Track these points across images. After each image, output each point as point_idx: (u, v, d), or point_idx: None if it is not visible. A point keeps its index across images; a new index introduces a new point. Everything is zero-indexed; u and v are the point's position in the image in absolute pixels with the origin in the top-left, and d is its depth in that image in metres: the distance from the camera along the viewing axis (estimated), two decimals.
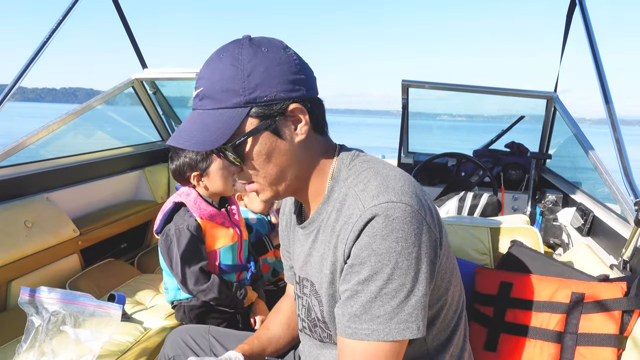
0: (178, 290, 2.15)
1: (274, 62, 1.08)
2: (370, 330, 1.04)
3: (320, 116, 1.18)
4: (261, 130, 1.09)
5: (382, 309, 1.03)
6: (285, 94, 1.08)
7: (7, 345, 2.05)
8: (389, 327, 1.03)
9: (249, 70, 1.06)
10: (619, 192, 2.16)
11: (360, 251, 1.04)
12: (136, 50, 4.06)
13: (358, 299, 1.05)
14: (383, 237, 1.01)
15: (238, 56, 1.07)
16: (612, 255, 2.16)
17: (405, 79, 4.11)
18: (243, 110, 1.07)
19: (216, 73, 1.08)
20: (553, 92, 3.85)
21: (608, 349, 1.50)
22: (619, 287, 1.56)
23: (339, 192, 1.15)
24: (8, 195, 2.65)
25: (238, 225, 2.22)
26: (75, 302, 1.68)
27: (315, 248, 1.21)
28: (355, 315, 1.05)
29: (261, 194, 1.20)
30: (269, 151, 1.11)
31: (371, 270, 1.02)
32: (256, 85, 1.06)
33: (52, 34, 3.00)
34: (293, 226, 1.38)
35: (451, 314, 1.24)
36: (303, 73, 1.12)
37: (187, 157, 2.10)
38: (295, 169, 1.16)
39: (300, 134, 1.13)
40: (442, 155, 3.87)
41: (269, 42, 1.11)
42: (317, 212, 1.20)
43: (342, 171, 1.18)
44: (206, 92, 1.09)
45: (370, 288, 1.03)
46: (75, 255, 2.93)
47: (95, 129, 4.30)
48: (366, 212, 1.04)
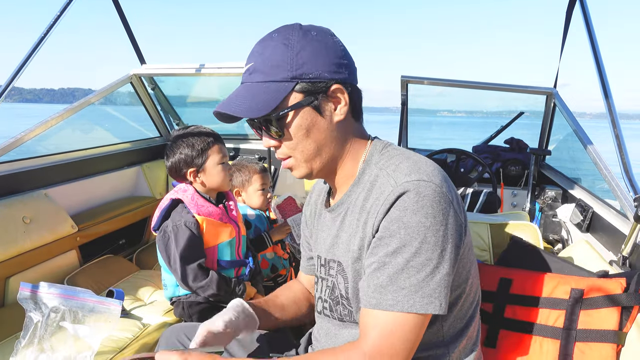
0: (177, 287, 2.14)
1: (322, 44, 1.17)
2: (394, 301, 1.08)
3: (358, 103, 1.26)
4: (304, 105, 1.16)
5: (407, 281, 1.07)
6: (330, 74, 1.16)
7: (6, 341, 2.05)
8: (413, 299, 1.07)
9: (298, 49, 1.14)
10: (619, 188, 2.16)
11: (390, 224, 1.09)
12: (134, 46, 4.05)
13: (385, 270, 1.10)
14: (414, 211, 1.07)
15: (289, 36, 1.16)
16: (612, 252, 2.16)
17: (405, 75, 4.10)
18: (289, 85, 1.15)
19: (268, 49, 1.16)
20: (552, 88, 3.84)
21: (607, 345, 1.50)
22: (619, 283, 1.56)
23: (370, 174, 1.22)
24: (6, 192, 2.64)
25: (236, 221, 2.22)
26: (75, 297, 1.67)
27: (343, 229, 1.26)
28: (380, 286, 1.10)
29: (296, 170, 1.26)
30: (309, 126, 1.18)
31: (400, 243, 1.08)
32: (303, 63, 1.14)
33: (47, 34, 2.98)
34: (318, 214, 1.43)
35: (468, 304, 1.27)
36: (346, 59, 1.20)
37: (182, 154, 2.09)
38: (331, 148, 1.23)
39: (339, 114, 1.20)
40: (441, 152, 3.86)
41: (318, 28, 1.20)
42: (347, 193, 1.26)
43: (374, 156, 1.25)
44: (257, 66, 1.17)
45: (397, 260, 1.08)
46: (73, 252, 2.93)
47: (93, 125, 4.29)
48: (398, 187, 1.10)
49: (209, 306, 2.13)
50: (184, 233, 2.01)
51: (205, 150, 2.10)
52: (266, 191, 2.66)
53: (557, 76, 3.87)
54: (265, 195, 2.66)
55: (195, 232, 2.04)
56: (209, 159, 2.10)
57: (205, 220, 2.08)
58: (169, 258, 2.04)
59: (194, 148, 2.09)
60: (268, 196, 2.69)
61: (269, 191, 2.69)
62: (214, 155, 2.11)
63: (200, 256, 2.04)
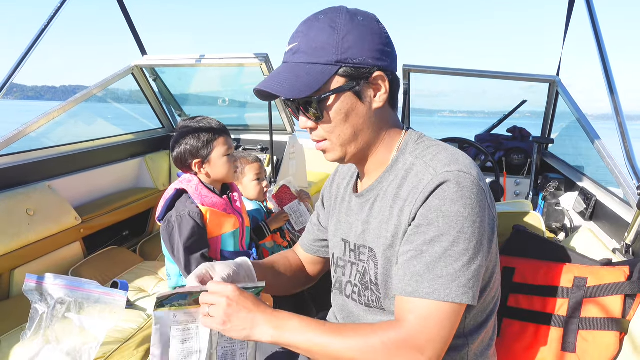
0: (180, 277, 2.15)
1: (368, 30, 1.16)
2: (431, 289, 1.07)
3: (396, 92, 1.26)
4: (345, 90, 1.16)
5: (445, 270, 1.07)
6: (373, 61, 1.16)
7: (12, 332, 2.06)
8: (450, 288, 1.06)
9: (344, 33, 1.13)
10: (622, 176, 2.15)
11: (428, 212, 1.09)
12: (135, 37, 4.04)
13: (422, 258, 1.09)
14: (453, 201, 1.07)
15: (336, 19, 1.15)
16: (615, 240, 2.16)
17: (407, 64, 4.09)
18: (333, 68, 1.14)
19: (313, 30, 1.16)
20: (555, 76, 3.82)
21: (610, 332, 1.50)
22: (622, 271, 1.56)
23: (404, 163, 1.22)
24: (10, 184, 2.65)
25: (240, 212, 2.22)
26: (81, 289, 1.68)
27: (373, 215, 1.26)
28: (418, 275, 1.09)
29: (329, 153, 1.26)
30: (348, 111, 1.18)
31: (438, 231, 1.08)
32: (349, 47, 1.13)
33: (45, 28, 2.97)
34: (342, 198, 1.43)
35: (490, 298, 1.27)
36: (390, 47, 1.20)
37: (188, 145, 2.09)
38: (367, 134, 1.23)
39: (378, 101, 1.20)
40: (444, 141, 3.86)
41: (365, 14, 1.19)
42: (378, 180, 1.26)
43: (409, 145, 1.25)
44: (301, 46, 1.16)
45: (435, 248, 1.08)
46: (77, 243, 2.94)
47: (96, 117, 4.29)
48: (438, 176, 1.10)
49: None
50: (187, 223, 2.02)
51: (210, 142, 2.10)
52: (261, 181, 2.67)
53: (560, 64, 3.85)
54: (260, 185, 2.66)
55: (199, 222, 2.04)
56: (214, 151, 2.10)
57: (209, 210, 2.08)
58: (172, 248, 2.04)
59: (200, 139, 2.09)
60: (264, 185, 2.69)
61: (264, 180, 2.69)
62: (220, 146, 2.11)
63: (203, 246, 2.05)
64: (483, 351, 1.29)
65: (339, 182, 1.50)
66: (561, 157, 3.85)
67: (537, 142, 3.84)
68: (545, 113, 4.09)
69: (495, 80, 4.13)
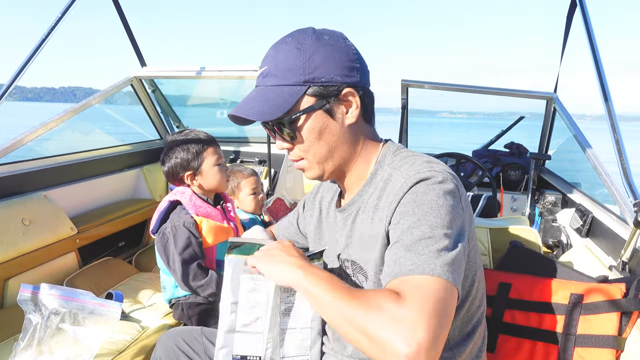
0: (176, 288, 2.14)
1: (334, 48, 1.18)
2: (414, 265, 0.99)
3: (370, 106, 1.28)
4: (316, 109, 1.18)
5: (426, 249, 1.01)
6: (342, 77, 1.18)
7: (4, 343, 2.05)
8: (434, 263, 0.99)
9: (310, 53, 1.16)
10: (618, 193, 2.16)
11: (404, 207, 1.10)
12: (135, 48, 4.05)
13: (402, 243, 1.05)
14: (425, 192, 1.08)
15: (302, 40, 1.18)
16: (611, 257, 2.16)
17: (405, 79, 4.11)
18: (301, 88, 1.17)
19: (281, 54, 1.19)
20: (553, 92, 3.84)
21: (607, 350, 1.50)
22: (618, 288, 1.56)
23: (383, 174, 1.23)
24: (6, 193, 2.64)
25: (234, 221, 2.23)
26: (75, 299, 1.67)
27: (355, 228, 1.27)
28: (399, 257, 1.03)
29: (308, 171, 1.28)
30: (321, 129, 1.20)
31: (415, 218, 1.06)
32: (315, 67, 1.16)
33: (50, 32, 2.99)
34: (327, 213, 1.44)
35: (474, 308, 1.27)
36: (359, 63, 1.22)
37: (178, 158, 2.12)
38: (343, 150, 1.25)
39: (350, 117, 1.22)
40: (441, 156, 3.86)
41: (331, 32, 1.22)
42: (359, 194, 1.28)
43: (387, 157, 1.27)
44: (270, 70, 1.20)
45: (415, 233, 1.04)
46: (72, 254, 2.93)
47: (94, 127, 4.29)
48: (411, 178, 1.12)
49: (209, 307, 2.13)
50: (182, 233, 2.02)
51: (200, 153, 2.12)
52: (257, 195, 2.67)
53: (558, 81, 3.87)
54: (257, 199, 2.66)
55: (194, 232, 2.04)
56: (204, 161, 2.12)
57: (204, 220, 2.08)
58: (168, 259, 2.04)
59: (189, 151, 2.11)
60: (260, 198, 2.69)
61: (261, 193, 2.69)
62: (210, 157, 2.13)
63: (199, 256, 2.04)
64: None
65: (322, 195, 1.51)
66: (558, 174, 3.86)
67: (535, 158, 3.86)
68: (543, 129, 4.11)
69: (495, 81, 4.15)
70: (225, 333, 1.27)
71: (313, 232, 1.48)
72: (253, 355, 1.28)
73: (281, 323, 1.32)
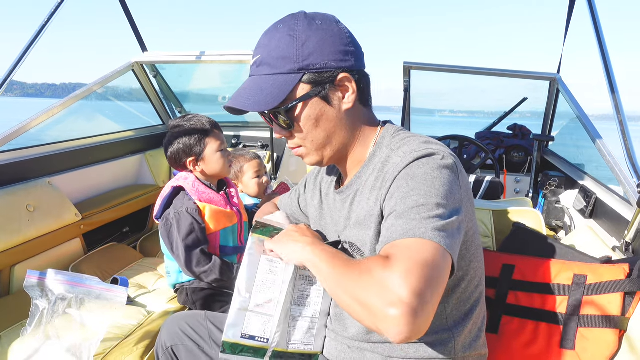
0: (180, 274, 2.15)
1: (327, 33, 1.17)
2: (404, 230, 0.98)
3: (367, 89, 1.26)
4: (312, 96, 1.17)
5: (418, 215, 1.00)
6: (336, 63, 1.17)
7: (12, 328, 2.06)
8: (424, 227, 0.98)
9: (303, 39, 1.15)
10: (622, 174, 2.15)
11: (398, 181, 1.09)
12: (136, 33, 4.03)
13: (394, 214, 1.05)
14: (419, 166, 1.08)
15: (294, 27, 1.16)
16: (615, 237, 2.16)
17: (407, 61, 4.09)
18: (296, 76, 1.16)
19: (273, 42, 1.17)
20: (556, 73, 3.82)
21: (610, 330, 1.51)
22: (622, 269, 1.56)
23: (381, 156, 1.23)
24: (10, 180, 2.65)
25: (237, 207, 2.22)
26: (82, 284, 1.69)
27: (353, 210, 1.27)
28: (391, 225, 1.03)
29: (307, 158, 1.28)
30: (318, 116, 1.20)
31: (408, 189, 1.06)
32: (309, 54, 1.15)
33: (45, 24, 2.96)
34: (326, 194, 1.45)
35: (472, 288, 1.27)
36: (353, 46, 1.20)
37: (180, 143, 2.10)
38: (341, 136, 1.24)
39: (347, 102, 1.21)
40: (444, 138, 3.86)
41: (323, 16, 1.20)
42: (357, 175, 1.28)
43: (385, 138, 1.26)
44: (263, 59, 1.18)
45: (407, 202, 1.03)
46: (77, 240, 2.94)
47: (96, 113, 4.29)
48: (407, 156, 1.11)
49: (213, 292, 2.14)
50: (186, 219, 2.02)
51: (203, 139, 2.11)
52: (261, 177, 2.67)
53: (561, 61, 3.85)
54: (260, 181, 2.66)
55: (197, 218, 2.05)
56: (207, 147, 2.11)
57: (207, 206, 2.09)
58: (171, 244, 2.05)
59: (192, 137, 2.10)
60: (264, 181, 2.69)
61: (264, 176, 2.69)
62: (212, 142, 2.12)
63: (202, 242, 2.05)
64: (471, 342, 1.29)
65: (323, 176, 1.51)
66: (561, 155, 3.85)
67: (538, 139, 3.85)
68: (546, 111, 4.09)
69: (496, 78, 4.13)
70: (238, 310, 1.28)
71: (314, 213, 1.49)
72: (261, 337, 1.29)
73: (292, 310, 1.34)
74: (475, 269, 1.26)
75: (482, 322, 1.34)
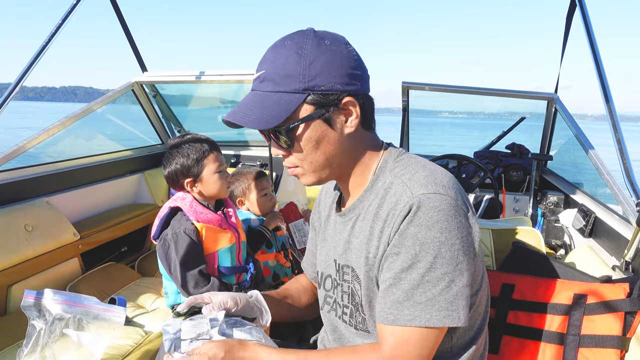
0: (178, 294, 2.14)
1: (336, 55, 1.14)
2: (412, 317, 1.09)
3: (370, 113, 1.24)
4: (314, 118, 1.15)
5: (424, 296, 1.08)
6: (342, 86, 1.14)
7: (8, 349, 2.05)
8: (430, 313, 1.08)
9: (311, 59, 1.12)
10: (621, 193, 2.15)
11: (405, 239, 1.09)
12: (136, 53, 4.06)
13: (400, 286, 1.10)
14: (428, 227, 1.07)
15: (303, 45, 1.13)
16: (614, 257, 2.16)
17: (406, 81, 4.11)
18: (300, 96, 1.13)
19: (280, 58, 1.14)
20: (554, 93, 3.85)
21: (611, 350, 1.49)
22: (622, 288, 1.55)
23: (384, 182, 1.21)
24: (8, 199, 2.65)
25: (235, 227, 2.21)
26: (80, 304, 1.68)
27: (354, 235, 1.26)
28: (397, 302, 1.11)
29: (303, 178, 1.26)
30: (319, 139, 1.17)
31: (415, 259, 1.08)
32: (316, 74, 1.12)
33: (54, 35, 3.01)
34: (327, 216, 1.43)
35: (477, 315, 1.27)
36: (360, 69, 1.18)
37: (177, 164, 2.08)
38: (340, 159, 1.22)
39: (350, 126, 1.18)
40: (442, 157, 3.86)
41: (332, 37, 1.17)
42: (359, 199, 1.26)
43: (388, 163, 1.24)
44: (268, 75, 1.15)
45: (413, 275, 1.09)
46: (75, 259, 2.93)
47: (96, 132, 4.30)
48: (414, 198, 1.09)
49: None
50: (183, 240, 2.01)
51: (200, 160, 2.08)
52: (269, 195, 2.65)
53: (558, 81, 3.88)
54: (268, 199, 2.65)
55: (195, 239, 2.03)
56: (205, 168, 2.09)
57: (205, 227, 2.07)
58: (169, 265, 2.03)
59: (190, 157, 2.07)
60: (271, 201, 2.67)
61: (272, 195, 2.68)
62: (210, 164, 2.10)
63: (200, 263, 2.03)
64: None
65: (324, 200, 1.50)
66: (560, 174, 3.86)
67: (536, 158, 3.86)
68: (544, 130, 4.11)
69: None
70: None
71: (320, 237, 1.47)
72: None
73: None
74: (481, 298, 1.26)
75: (484, 348, 1.34)
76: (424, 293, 1.08)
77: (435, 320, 1.07)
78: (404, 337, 1.10)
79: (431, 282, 1.08)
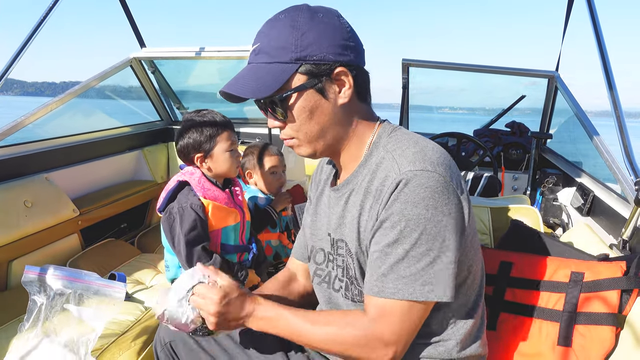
0: (179, 268, 2.15)
1: (328, 26, 1.16)
2: (395, 289, 1.12)
3: (365, 85, 1.25)
4: (307, 87, 1.17)
5: (407, 270, 1.11)
6: (334, 56, 1.16)
7: (9, 324, 2.06)
8: (413, 287, 1.11)
9: (303, 30, 1.14)
10: (620, 171, 2.16)
11: (392, 215, 1.11)
12: (134, 28, 4.02)
13: (386, 259, 1.14)
14: (414, 203, 1.09)
15: (296, 17, 1.16)
16: (612, 235, 2.17)
17: (406, 58, 4.08)
18: (293, 66, 1.15)
19: (274, 31, 1.17)
20: (555, 71, 3.82)
21: (606, 327, 1.51)
22: (619, 267, 1.56)
23: (377, 157, 1.22)
24: (7, 175, 2.64)
25: (241, 206, 2.21)
26: (80, 280, 1.68)
27: (348, 209, 1.27)
28: (382, 275, 1.14)
29: (298, 149, 1.27)
30: (312, 108, 1.19)
31: (400, 234, 1.10)
32: (308, 45, 1.14)
33: (42, 21, 2.96)
34: (321, 191, 1.45)
35: (472, 291, 1.29)
36: (353, 41, 1.20)
37: (190, 138, 2.08)
38: (335, 130, 1.24)
39: (343, 97, 1.20)
40: (442, 135, 3.86)
41: (325, 10, 1.19)
42: (353, 174, 1.27)
43: (382, 138, 1.26)
44: (262, 47, 1.18)
45: (398, 250, 1.12)
46: (75, 235, 2.94)
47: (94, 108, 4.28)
48: (402, 175, 1.11)
49: None
50: (189, 215, 2.01)
51: (213, 137, 2.08)
52: (278, 174, 2.65)
53: (559, 59, 3.85)
54: (277, 177, 2.64)
55: (201, 214, 2.03)
56: (217, 146, 2.08)
57: (211, 203, 2.07)
58: (173, 239, 2.04)
59: (203, 133, 2.07)
60: (281, 179, 2.67)
61: (281, 175, 2.67)
62: (223, 142, 2.09)
63: (204, 239, 2.04)
64: (471, 344, 1.29)
65: (319, 176, 1.51)
66: (559, 153, 3.85)
67: (536, 137, 3.85)
68: (544, 108, 4.09)
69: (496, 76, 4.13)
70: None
71: (311, 209, 1.49)
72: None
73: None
74: (475, 272, 1.27)
75: (482, 323, 1.34)
76: (408, 267, 1.11)
77: (418, 294, 1.11)
78: (387, 309, 1.13)
79: (415, 257, 1.10)
